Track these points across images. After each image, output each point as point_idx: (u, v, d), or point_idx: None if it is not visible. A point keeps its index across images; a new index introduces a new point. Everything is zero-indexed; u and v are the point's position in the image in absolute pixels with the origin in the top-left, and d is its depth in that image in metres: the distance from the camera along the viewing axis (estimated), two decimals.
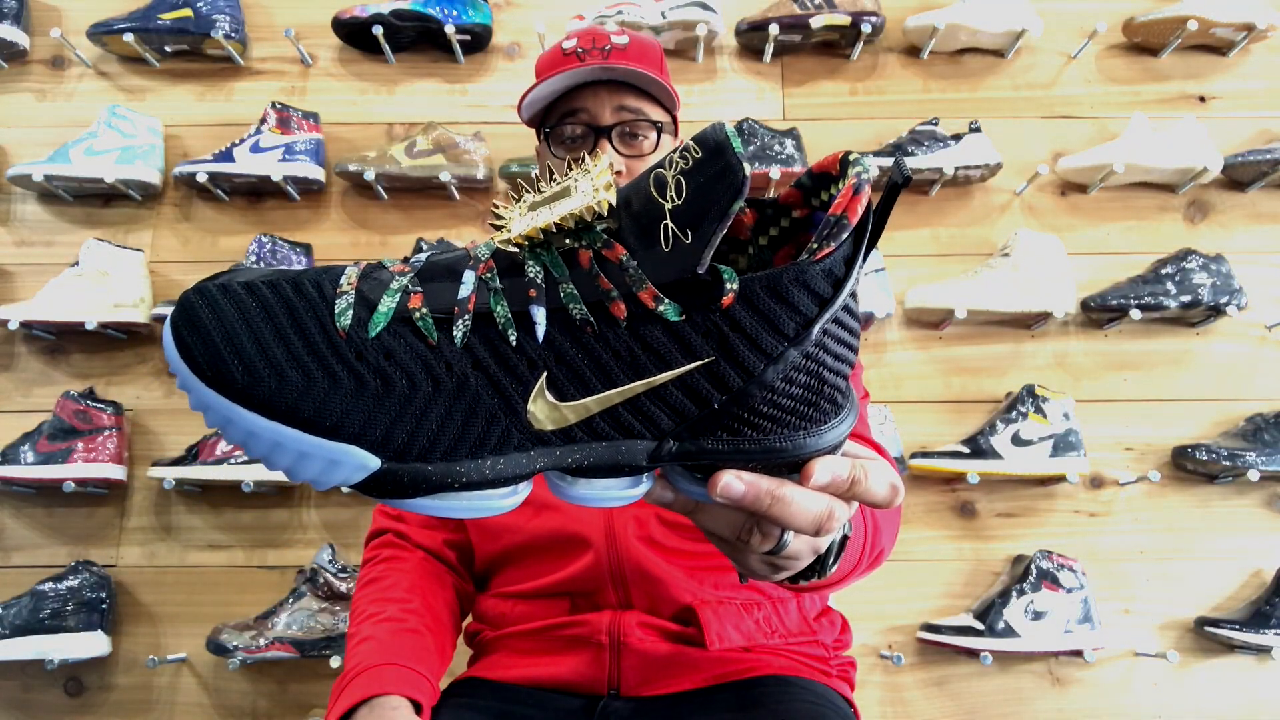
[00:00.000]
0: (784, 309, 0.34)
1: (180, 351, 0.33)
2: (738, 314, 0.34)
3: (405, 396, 0.33)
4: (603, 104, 0.92)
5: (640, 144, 0.93)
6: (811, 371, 0.36)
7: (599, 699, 0.81)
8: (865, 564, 0.61)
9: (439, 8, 1.59)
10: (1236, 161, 1.55)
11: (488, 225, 0.35)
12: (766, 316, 0.34)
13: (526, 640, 0.86)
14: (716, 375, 0.35)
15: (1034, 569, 1.38)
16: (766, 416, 0.36)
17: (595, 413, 0.35)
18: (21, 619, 1.37)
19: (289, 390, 0.32)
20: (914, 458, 1.45)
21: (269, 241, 1.52)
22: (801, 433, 0.37)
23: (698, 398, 0.35)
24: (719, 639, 0.81)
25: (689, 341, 0.35)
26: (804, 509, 0.38)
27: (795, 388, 0.36)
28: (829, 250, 0.34)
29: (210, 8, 1.60)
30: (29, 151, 1.63)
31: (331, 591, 1.39)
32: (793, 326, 0.35)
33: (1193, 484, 1.50)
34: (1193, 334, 1.56)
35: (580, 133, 0.92)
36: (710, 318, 0.34)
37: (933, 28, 1.58)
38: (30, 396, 1.55)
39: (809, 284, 0.34)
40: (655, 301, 0.34)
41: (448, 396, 0.34)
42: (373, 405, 0.33)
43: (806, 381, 0.36)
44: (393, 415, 0.33)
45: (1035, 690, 1.42)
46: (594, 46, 0.91)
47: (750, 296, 0.34)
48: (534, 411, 0.35)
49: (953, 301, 1.48)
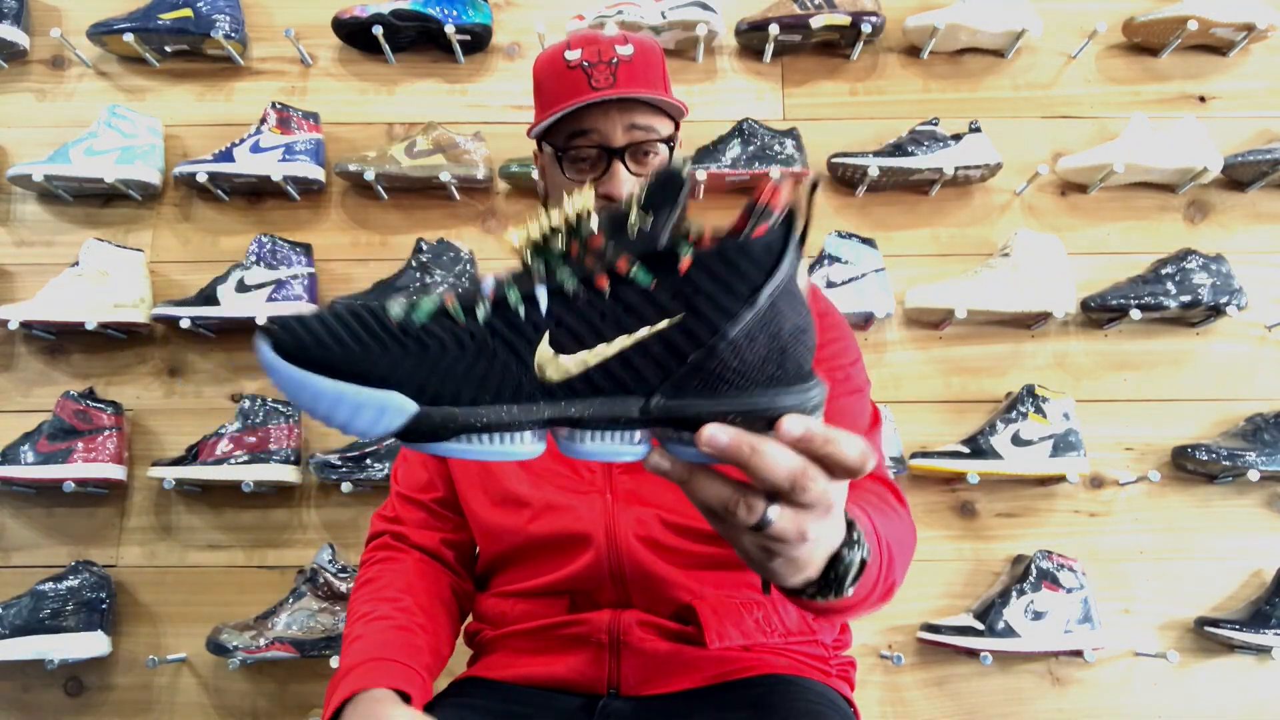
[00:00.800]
0: (734, 275, 0.43)
1: (270, 342, 0.42)
2: (698, 279, 0.43)
3: (437, 356, 0.43)
4: (614, 124, 0.90)
5: (651, 160, 0.92)
6: (770, 334, 0.43)
7: (598, 698, 0.81)
8: (879, 593, 0.61)
9: (439, 8, 1.59)
10: (1236, 161, 1.55)
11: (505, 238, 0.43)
12: (721, 280, 0.43)
13: (526, 640, 0.86)
14: (688, 333, 0.43)
15: (1034, 569, 1.38)
16: (736, 372, 0.43)
17: (591, 365, 0.43)
18: (21, 619, 1.37)
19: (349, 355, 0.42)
20: (914, 458, 1.45)
21: (269, 241, 1.52)
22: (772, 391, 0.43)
23: (676, 352, 0.43)
24: (719, 638, 0.81)
25: (661, 303, 0.43)
26: (780, 462, 0.42)
27: (758, 346, 0.43)
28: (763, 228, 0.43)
29: (210, 8, 1.60)
30: (29, 151, 1.63)
31: (331, 591, 1.39)
32: (745, 289, 0.43)
33: (1193, 484, 1.50)
34: (1193, 334, 1.56)
35: (594, 155, 0.91)
36: (676, 282, 0.43)
37: (933, 28, 1.58)
38: (30, 396, 1.55)
39: (751, 254, 0.43)
40: (629, 266, 0.43)
41: (471, 355, 0.43)
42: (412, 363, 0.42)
43: (767, 343, 0.43)
44: (427, 369, 0.42)
45: (1035, 690, 1.42)
46: (600, 60, 0.89)
47: (706, 264, 0.43)
48: (540, 364, 0.43)
49: (953, 301, 1.48)
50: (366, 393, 0.42)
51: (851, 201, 1.62)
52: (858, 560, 0.52)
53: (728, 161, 1.53)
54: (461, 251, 1.53)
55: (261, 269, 1.50)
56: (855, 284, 1.50)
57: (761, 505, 0.43)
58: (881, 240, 1.56)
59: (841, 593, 0.52)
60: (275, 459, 1.44)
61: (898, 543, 0.67)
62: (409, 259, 1.53)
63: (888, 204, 1.62)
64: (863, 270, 1.51)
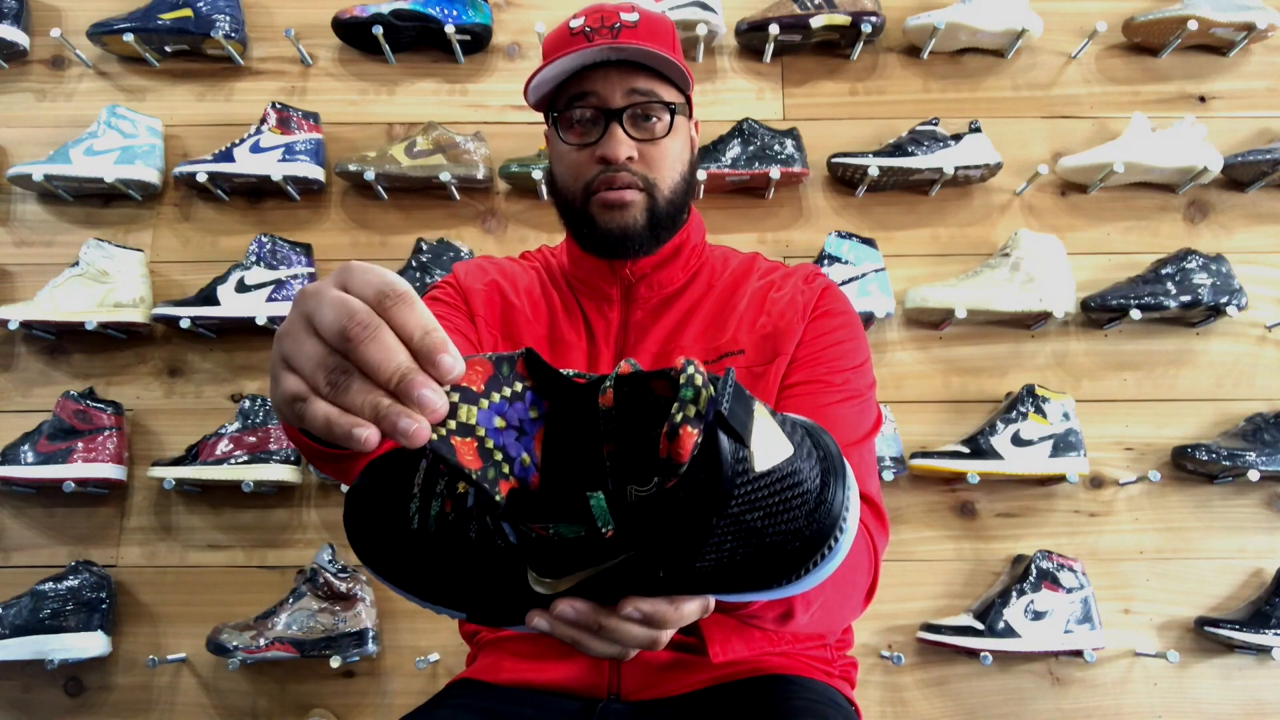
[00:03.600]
0: (669, 520, 0.41)
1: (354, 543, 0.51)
2: (627, 534, 0.42)
3: (454, 566, 0.48)
4: (613, 86, 0.87)
5: (653, 126, 0.88)
6: (740, 530, 0.42)
7: (598, 702, 0.81)
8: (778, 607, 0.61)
9: (439, 8, 1.59)
10: (1236, 161, 1.55)
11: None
12: (656, 528, 0.41)
13: (526, 644, 0.85)
14: (649, 560, 0.44)
15: (1034, 569, 1.38)
16: (711, 565, 0.44)
17: (574, 584, 0.46)
18: (21, 619, 1.37)
19: (404, 574, 0.50)
20: (914, 458, 1.45)
21: (269, 241, 1.52)
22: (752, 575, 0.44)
23: (646, 571, 0.45)
24: (723, 651, 0.79)
25: (605, 547, 0.43)
26: (633, 635, 0.48)
27: (730, 545, 0.43)
28: (673, 480, 0.39)
29: (210, 8, 1.60)
30: (29, 151, 1.63)
31: (331, 591, 1.39)
32: (687, 523, 0.41)
33: (1193, 484, 1.50)
34: (1193, 334, 1.56)
35: (590, 116, 0.88)
36: (607, 540, 0.43)
37: (933, 28, 1.58)
38: (30, 396, 1.55)
39: (671, 499, 0.40)
40: (547, 529, 0.43)
41: (477, 564, 0.48)
42: (439, 578, 0.49)
43: (741, 538, 0.43)
44: (455, 587, 0.49)
45: (1035, 690, 1.42)
46: (603, 25, 0.86)
47: (632, 521, 0.41)
48: (535, 586, 0.47)
49: (953, 301, 1.48)
50: (427, 604, 0.51)
51: (851, 201, 1.62)
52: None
53: (728, 161, 1.53)
54: (461, 251, 1.53)
55: (261, 269, 1.50)
56: (855, 284, 1.50)
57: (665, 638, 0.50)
58: (881, 240, 1.56)
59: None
60: (275, 459, 1.44)
61: None
62: (409, 259, 1.53)
63: (888, 204, 1.62)
64: (863, 270, 1.51)
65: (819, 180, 1.63)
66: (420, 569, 0.49)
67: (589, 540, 0.42)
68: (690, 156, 0.93)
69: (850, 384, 0.84)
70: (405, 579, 0.50)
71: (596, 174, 0.87)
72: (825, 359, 0.85)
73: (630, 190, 0.86)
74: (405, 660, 1.45)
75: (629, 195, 0.86)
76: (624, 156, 0.86)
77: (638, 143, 0.87)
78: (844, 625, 0.77)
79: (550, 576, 0.46)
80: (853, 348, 0.87)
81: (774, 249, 1.60)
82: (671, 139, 0.89)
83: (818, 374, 0.84)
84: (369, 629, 1.39)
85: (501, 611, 0.49)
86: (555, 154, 0.92)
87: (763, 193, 1.59)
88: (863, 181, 1.56)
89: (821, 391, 0.82)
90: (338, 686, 1.44)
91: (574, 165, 0.89)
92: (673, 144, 0.89)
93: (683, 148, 0.91)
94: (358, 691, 1.45)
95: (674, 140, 0.89)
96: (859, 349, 0.88)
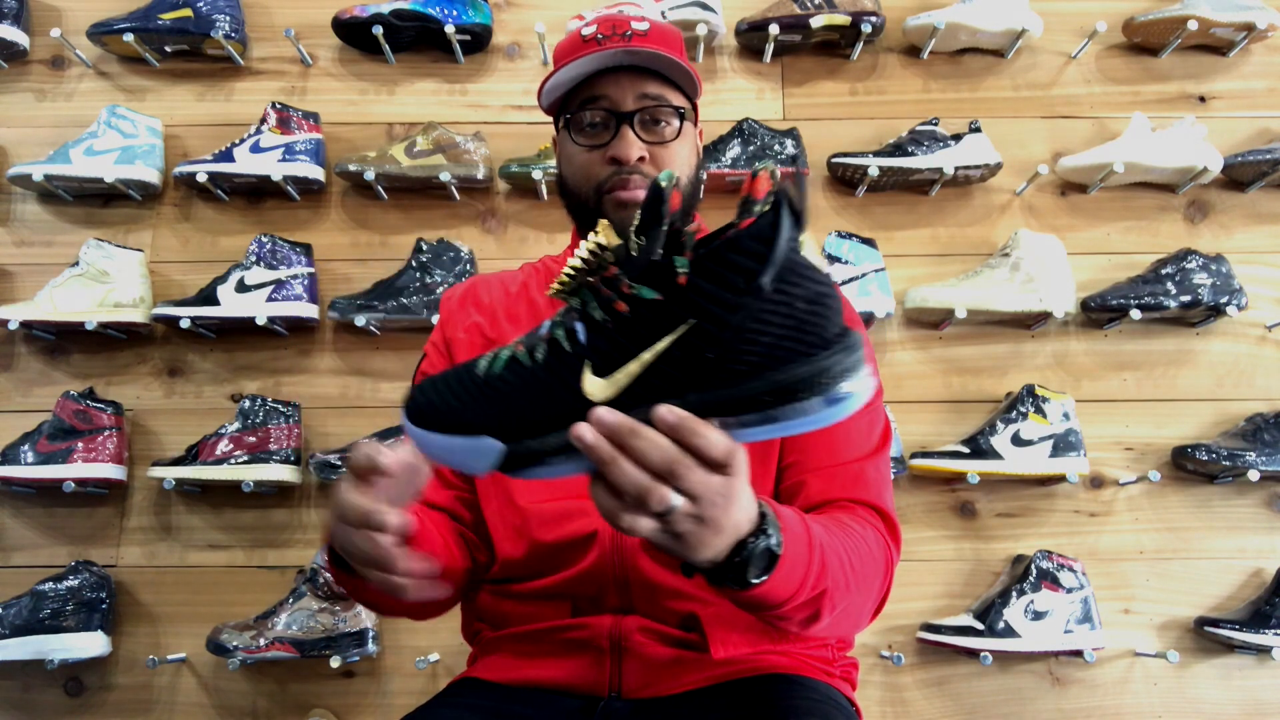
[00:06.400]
0: (729, 271, 0.46)
1: (406, 411, 0.54)
2: (698, 285, 0.47)
3: (510, 398, 0.51)
4: (624, 90, 0.89)
5: (662, 130, 0.90)
6: (784, 314, 0.47)
7: (599, 700, 0.81)
8: (807, 592, 0.62)
9: (439, 8, 1.59)
10: (1236, 161, 1.55)
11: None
12: (719, 278, 0.46)
13: (527, 642, 0.85)
14: (703, 333, 0.47)
15: (1034, 569, 1.38)
16: (757, 356, 0.47)
17: (625, 385, 0.49)
18: (21, 619, 1.37)
19: (451, 412, 0.52)
20: (914, 458, 1.45)
21: (269, 241, 1.52)
22: (792, 365, 0.47)
23: (696, 354, 0.47)
24: (723, 646, 0.80)
25: (672, 313, 0.48)
26: (655, 448, 0.47)
27: (773, 328, 0.47)
28: (749, 220, 0.46)
29: (210, 8, 1.60)
30: (29, 151, 1.63)
31: (331, 591, 1.39)
32: (742, 281, 0.46)
33: (1193, 484, 1.50)
34: (1193, 334, 1.56)
35: (601, 119, 0.90)
36: (679, 292, 0.47)
37: (933, 28, 1.58)
38: (30, 396, 1.55)
39: (742, 247, 0.46)
40: (631, 288, 0.48)
41: (535, 391, 0.51)
42: (494, 409, 0.51)
43: (782, 322, 0.47)
44: (503, 411, 0.51)
45: (1035, 690, 1.42)
46: (615, 33, 0.88)
47: (703, 270, 0.47)
48: (587, 390, 0.50)
49: (953, 301, 1.48)
50: (468, 441, 0.52)
51: (851, 201, 1.62)
52: (762, 548, 0.56)
53: (728, 161, 1.53)
54: (461, 251, 1.53)
55: (261, 269, 1.50)
56: (855, 284, 1.50)
57: (670, 495, 0.48)
58: (881, 240, 1.56)
59: (744, 578, 0.56)
60: (275, 459, 1.44)
61: (842, 558, 0.67)
62: (409, 259, 1.53)
63: (888, 204, 1.62)
64: (863, 270, 1.51)
65: (819, 180, 1.63)
66: (473, 407, 0.52)
67: (660, 307, 0.47)
68: (697, 161, 0.95)
69: None
70: (451, 421, 0.52)
71: (609, 175, 0.89)
72: None
73: (642, 191, 0.88)
74: (405, 660, 1.45)
75: (642, 195, 0.87)
76: (635, 157, 0.87)
77: (647, 145, 0.89)
78: (856, 631, 0.79)
79: (607, 372, 0.49)
80: None
81: None
82: (680, 142, 0.91)
83: None
84: (369, 629, 1.39)
85: (545, 427, 0.50)
86: (565, 156, 0.94)
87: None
88: (863, 181, 1.56)
89: None
90: (338, 686, 1.44)
91: (585, 166, 0.90)
92: (681, 147, 0.91)
93: (690, 152, 0.93)
94: (358, 691, 1.45)
95: (682, 144, 0.91)
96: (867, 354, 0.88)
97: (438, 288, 1.50)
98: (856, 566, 0.70)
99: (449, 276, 1.51)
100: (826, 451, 0.82)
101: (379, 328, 1.52)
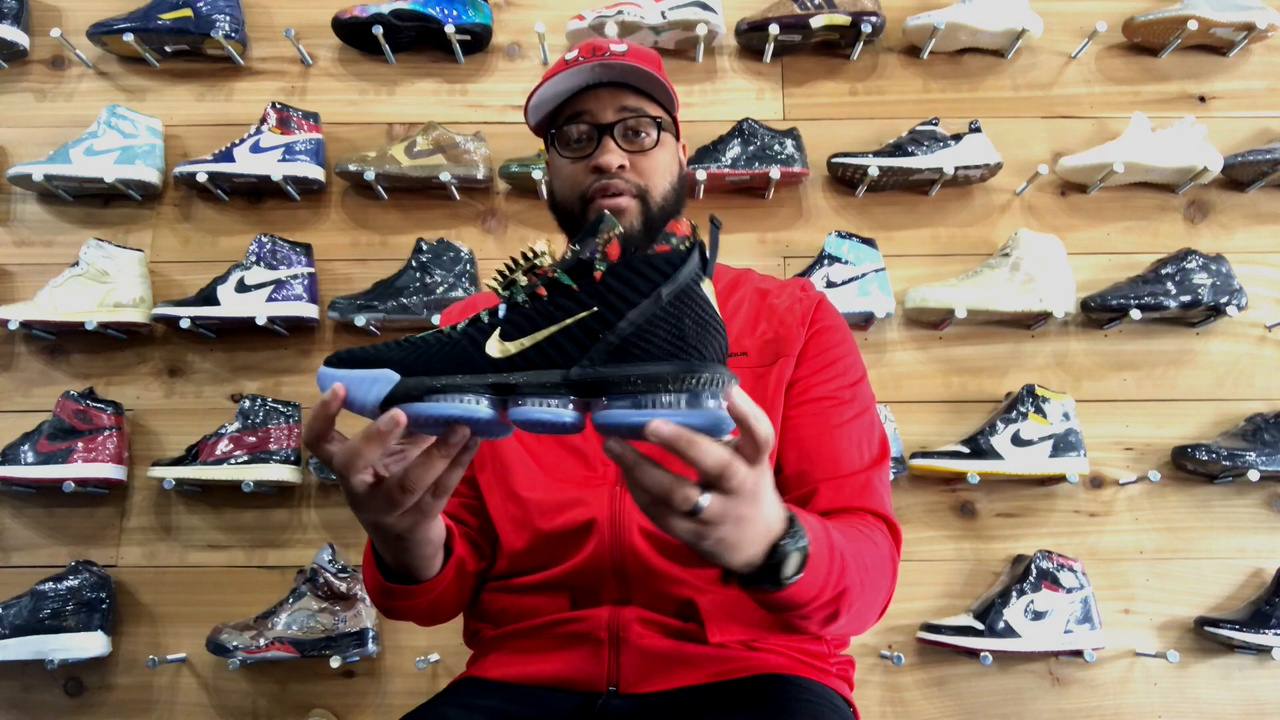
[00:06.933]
0: (638, 277, 0.55)
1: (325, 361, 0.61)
2: (610, 282, 0.56)
3: (423, 351, 0.59)
4: (604, 104, 0.95)
5: (642, 140, 0.95)
6: (669, 322, 0.54)
7: (598, 696, 0.81)
8: (829, 594, 0.66)
9: (439, 8, 1.59)
10: (1236, 161, 1.55)
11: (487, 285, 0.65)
12: (628, 282, 0.55)
13: (526, 638, 0.86)
14: (601, 320, 0.55)
15: (1034, 569, 1.38)
16: (640, 349, 0.54)
17: (526, 346, 0.57)
18: (21, 619, 1.37)
19: (367, 357, 0.59)
20: (914, 458, 1.45)
21: (269, 241, 1.52)
22: (664, 362, 0.53)
23: (591, 334, 0.55)
24: (720, 632, 0.82)
25: (581, 301, 0.56)
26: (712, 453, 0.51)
27: (659, 331, 0.54)
28: (665, 248, 0.56)
29: (210, 8, 1.60)
30: (29, 151, 1.63)
31: (331, 591, 1.39)
32: (646, 288, 0.55)
33: (1193, 484, 1.50)
34: (1193, 334, 1.56)
35: (584, 131, 0.95)
36: (593, 286, 0.56)
37: (933, 28, 1.58)
38: (30, 396, 1.55)
39: (653, 264, 0.55)
40: (554, 273, 0.57)
41: (446, 349, 0.58)
42: (406, 356, 0.58)
43: (667, 330, 0.54)
44: (412, 358, 0.58)
45: (1035, 690, 1.42)
46: (594, 55, 0.94)
47: (616, 273, 0.56)
48: (489, 348, 0.57)
49: (953, 301, 1.48)
50: (366, 372, 0.58)
51: (851, 201, 1.62)
52: (795, 549, 0.60)
53: (728, 161, 1.53)
54: (461, 251, 1.53)
55: (261, 269, 1.50)
56: (855, 284, 1.50)
57: (695, 493, 0.53)
58: (881, 240, 1.56)
59: (780, 579, 0.60)
60: (275, 459, 1.44)
61: (857, 559, 0.70)
62: (409, 259, 1.53)
63: (888, 204, 1.62)
64: (863, 270, 1.51)
65: (819, 180, 1.63)
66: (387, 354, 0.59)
67: (573, 294, 0.56)
68: (679, 170, 0.99)
69: (859, 398, 0.90)
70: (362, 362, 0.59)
71: (592, 183, 0.93)
72: (833, 374, 0.90)
73: (624, 196, 0.92)
74: (405, 660, 1.45)
75: (624, 201, 0.92)
76: (616, 165, 0.92)
77: (628, 154, 0.93)
78: (864, 630, 0.82)
79: (513, 339, 0.57)
80: (854, 361, 0.94)
81: (774, 249, 1.60)
82: (660, 151, 0.96)
83: (828, 390, 0.89)
84: (369, 629, 1.39)
85: (441, 370, 0.57)
86: (554, 169, 0.99)
87: (763, 193, 1.60)
88: (863, 181, 1.56)
89: (834, 409, 0.88)
90: (338, 686, 1.45)
91: (570, 176, 0.95)
92: (661, 155, 0.96)
93: (671, 160, 0.97)
94: (358, 691, 1.45)
95: (662, 152, 0.96)
96: (859, 362, 0.94)
97: (437, 288, 1.50)
98: (869, 567, 0.73)
99: (449, 276, 1.51)
100: (831, 462, 0.86)
101: (379, 328, 1.52)
